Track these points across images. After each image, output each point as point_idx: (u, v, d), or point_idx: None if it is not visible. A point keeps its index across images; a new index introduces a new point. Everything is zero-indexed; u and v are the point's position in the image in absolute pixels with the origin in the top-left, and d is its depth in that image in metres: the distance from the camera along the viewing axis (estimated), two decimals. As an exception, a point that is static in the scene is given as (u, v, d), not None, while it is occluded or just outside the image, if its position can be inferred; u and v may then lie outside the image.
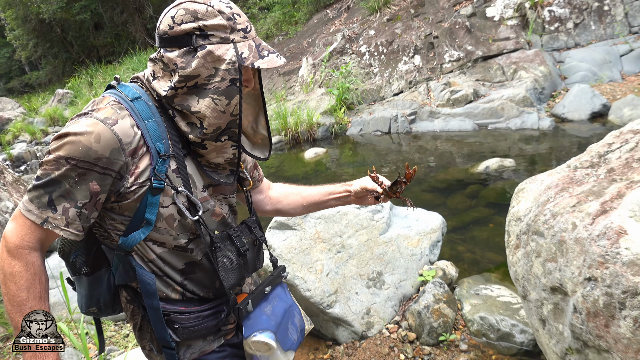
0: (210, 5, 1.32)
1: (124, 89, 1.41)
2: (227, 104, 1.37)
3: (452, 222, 5.26)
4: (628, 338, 1.49)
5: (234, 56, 1.33)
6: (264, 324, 1.56)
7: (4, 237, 1.30)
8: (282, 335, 1.59)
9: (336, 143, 9.84)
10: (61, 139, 1.26)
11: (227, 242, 1.51)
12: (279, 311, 1.64)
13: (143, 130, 1.34)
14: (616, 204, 1.72)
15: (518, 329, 3.19)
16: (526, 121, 8.86)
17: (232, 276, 1.52)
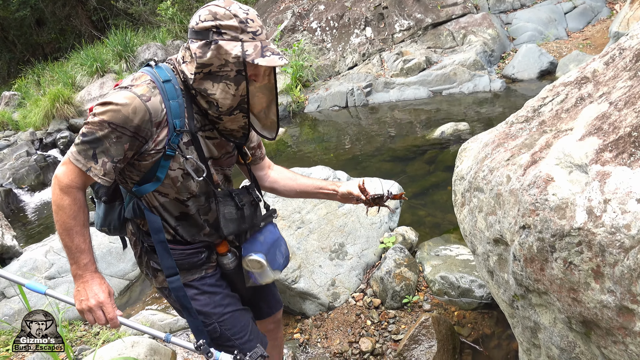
0: (228, 9, 1.66)
1: (160, 70, 1.75)
2: (236, 89, 1.71)
3: (412, 189, 5.38)
4: (560, 278, 1.59)
5: (240, 52, 1.65)
6: (257, 247, 2.04)
7: (56, 177, 1.68)
8: (271, 258, 2.07)
9: (295, 121, 9.83)
10: (105, 105, 1.63)
11: (228, 198, 1.92)
12: (269, 240, 2.09)
13: (167, 108, 1.70)
14: (544, 153, 1.80)
15: (477, 284, 3.32)
16: (478, 84, 9.03)
17: (231, 226, 1.92)
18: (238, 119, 1.83)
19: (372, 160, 6.66)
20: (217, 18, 1.65)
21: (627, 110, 1.64)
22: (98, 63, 13.12)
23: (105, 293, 1.78)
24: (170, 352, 3.29)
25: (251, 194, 2.02)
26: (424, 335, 2.83)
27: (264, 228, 2.12)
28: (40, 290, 1.86)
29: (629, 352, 1.42)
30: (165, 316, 3.86)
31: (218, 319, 1.98)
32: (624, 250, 1.33)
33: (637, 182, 1.38)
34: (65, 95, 12.21)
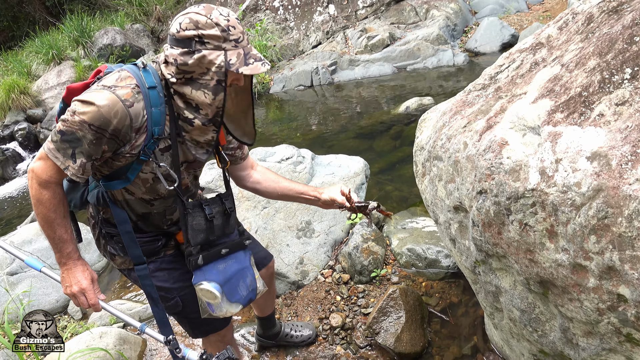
0: (210, 18, 1.63)
1: (147, 75, 1.72)
2: (213, 99, 1.70)
3: (379, 164, 5.38)
4: (517, 241, 1.60)
5: (223, 62, 1.65)
6: (212, 276, 1.93)
7: (34, 172, 1.69)
8: (230, 289, 1.96)
9: (261, 103, 9.70)
10: (86, 105, 1.60)
11: (197, 209, 1.90)
12: (231, 270, 2.00)
13: (148, 115, 1.69)
14: (499, 118, 1.80)
15: (443, 255, 3.35)
16: (442, 59, 9.06)
17: (199, 236, 1.91)
18: (207, 132, 1.81)
19: (338, 137, 6.64)
20: (199, 27, 1.62)
21: (577, 71, 1.65)
22: (54, 50, 12.60)
23: (87, 280, 1.84)
24: (140, 341, 3.24)
25: (224, 203, 1.99)
26: (392, 307, 2.85)
27: (229, 255, 2.04)
28: (36, 267, 1.96)
29: (584, 308, 1.45)
30: (134, 305, 3.79)
31: (179, 293, 2.01)
32: (576, 208, 1.34)
33: (587, 140, 1.38)
34: (20, 85, 11.71)
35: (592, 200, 1.28)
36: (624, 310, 1.32)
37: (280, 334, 2.92)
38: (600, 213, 1.26)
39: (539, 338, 1.83)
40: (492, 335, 2.53)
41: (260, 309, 2.74)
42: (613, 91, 1.45)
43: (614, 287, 1.31)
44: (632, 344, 1.40)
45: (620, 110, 1.39)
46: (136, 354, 3.13)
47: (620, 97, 1.42)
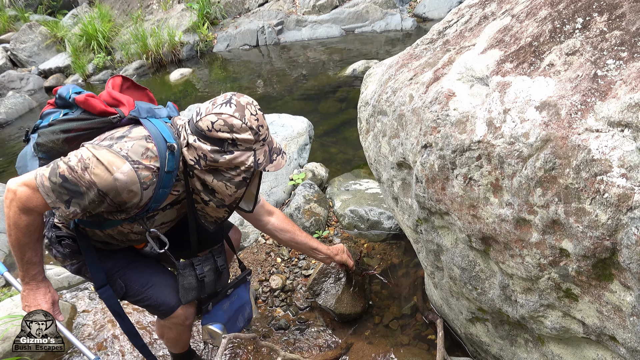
0: (244, 122, 1.63)
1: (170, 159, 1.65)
2: (235, 191, 1.74)
3: (324, 126, 5.28)
4: (461, 196, 1.54)
5: (252, 162, 1.68)
6: (218, 318, 2.08)
7: (16, 195, 1.58)
8: (231, 324, 2.12)
9: (203, 62, 9.30)
10: (103, 169, 1.53)
11: (188, 269, 1.92)
12: (234, 307, 2.14)
13: (155, 195, 1.66)
14: (447, 70, 1.72)
15: (385, 216, 3.32)
16: (390, 23, 8.97)
17: (190, 294, 1.94)
18: (220, 212, 1.83)
19: (283, 99, 6.46)
20: (234, 131, 1.62)
21: (528, 21, 1.58)
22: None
23: (48, 303, 1.81)
24: (69, 307, 3.04)
25: (216, 261, 1.99)
26: (333, 269, 2.80)
27: (233, 292, 2.14)
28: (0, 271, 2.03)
29: (526, 264, 1.41)
30: (62, 270, 3.55)
31: (121, 275, 1.94)
32: (522, 160, 1.28)
33: (536, 90, 1.32)
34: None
35: (540, 151, 1.23)
36: (565, 265, 1.29)
37: None
38: (547, 164, 1.21)
39: (478, 296, 1.81)
40: (432, 294, 2.53)
41: None
42: (564, 41, 1.39)
43: (557, 242, 1.27)
44: (570, 300, 1.38)
45: (571, 60, 1.33)
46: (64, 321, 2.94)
47: (571, 46, 1.36)
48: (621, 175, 1.06)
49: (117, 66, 9.77)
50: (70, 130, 1.70)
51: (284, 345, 2.61)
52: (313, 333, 2.68)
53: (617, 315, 1.25)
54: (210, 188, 1.73)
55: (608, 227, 1.10)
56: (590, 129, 1.15)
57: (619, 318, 1.24)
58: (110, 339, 2.81)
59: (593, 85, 1.22)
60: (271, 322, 2.78)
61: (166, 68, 9.35)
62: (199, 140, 1.65)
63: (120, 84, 1.87)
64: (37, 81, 9.71)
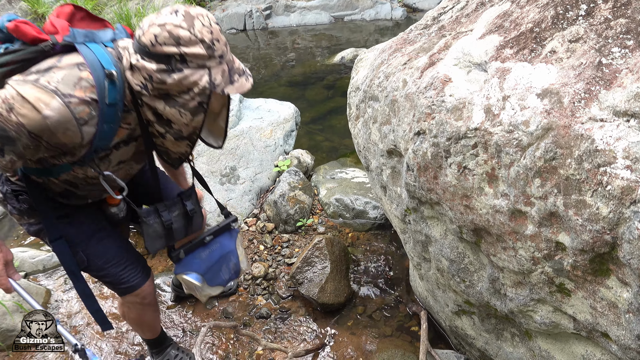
0: (193, 33, 1.36)
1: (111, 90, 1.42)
2: (191, 119, 1.49)
3: (310, 114, 5.20)
4: (454, 185, 1.49)
5: (207, 82, 1.42)
6: (194, 267, 1.91)
7: None
8: (212, 275, 1.95)
9: (189, 44, 9.12)
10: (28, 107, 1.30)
11: (152, 216, 1.75)
12: (215, 257, 1.95)
13: (98, 132, 1.44)
14: (443, 55, 1.66)
15: (371, 206, 3.27)
16: (380, 12, 8.88)
17: (157, 243, 1.79)
18: (181, 146, 1.61)
19: (270, 85, 6.35)
20: (181, 44, 1.36)
21: (529, 7, 1.52)
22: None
23: (0, 263, 1.64)
24: (43, 291, 2.95)
25: (185, 205, 1.82)
26: (317, 257, 2.74)
27: (213, 240, 1.96)
28: None
29: (518, 257, 1.37)
30: (38, 253, 3.44)
31: (83, 248, 1.78)
32: (521, 149, 1.23)
33: (537, 77, 1.27)
34: None
35: (540, 140, 1.18)
36: (560, 259, 1.25)
37: None
38: (548, 154, 1.16)
39: (465, 289, 1.78)
40: (417, 286, 2.49)
41: None
42: (567, 28, 1.34)
43: (553, 235, 1.23)
44: (562, 294, 1.35)
45: (574, 47, 1.28)
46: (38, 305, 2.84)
47: (574, 33, 1.31)
48: (626, 167, 1.02)
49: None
50: (6, 64, 1.44)
51: (265, 335, 2.56)
52: (295, 322, 2.63)
53: (611, 312, 1.21)
54: (165, 118, 1.49)
55: (609, 221, 1.06)
56: (594, 119, 1.10)
57: (613, 315, 1.21)
58: (85, 324, 2.73)
59: (597, 74, 1.17)
60: (252, 310, 2.72)
61: (150, 49, 9.14)
62: (142, 59, 1.39)
63: (70, 12, 1.58)
64: (16, 58, 9.41)
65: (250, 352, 2.46)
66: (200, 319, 2.67)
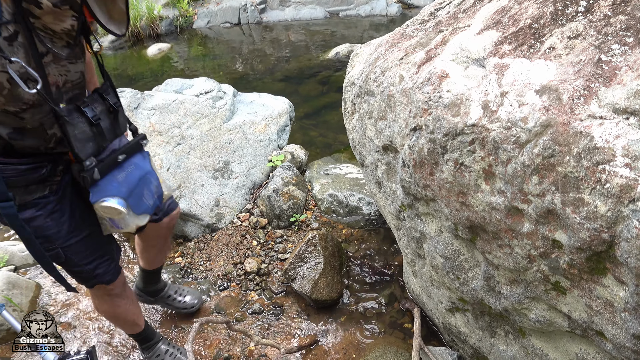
0: None
1: None
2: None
3: (304, 109, 5.17)
4: (450, 182, 1.48)
5: None
6: (113, 190, 1.62)
7: None
8: (135, 201, 1.68)
9: (182, 38, 9.04)
10: None
11: (75, 114, 1.50)
12: (134, 178, 1.69)
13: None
14: (440, 50, 1.64)
15: (365, 202, 3.26)
16: (375, 7, 8.86)
17: (88, 146, 1.54)
18: (64, 18, 1.36)
19: (264, 79, 6.32)
20: None
21: (528, 2, 1.51)
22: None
23: None
24: (33, 285, 2.91)
25: (105, 99, 1.62)
26: (310, 253, 2.73)
27: (126, 161, 1.71)
28: None
29: (514, 255, 1.36)
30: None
31: (62, 245, 1.69)
32: (519, 146, 1.22)
33: (536, 73, 1.26)
34: None
35: (539, 137, 1.17)
36: (556, 257, 1.24)
37: (162, 292, 2.59)
38: (546, 151, 1.15)
39: (460, 286, 1.77)
40: (410, 283, 2.49)
41: (148, 261, 2.40)
42: (566, 24, 1.33)
43: (550, 233, 1.22)
44: (558, 293, 1.34)
45: (573, 44, 1.27)
46: (28, 299, 2.81)
47: (573, 30, 1.30)
48: (625, 165, 1.01)
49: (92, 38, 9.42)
50: None
51: (258, 330, 2.54)
52: (288, 318, 2.62)
53: (607, 311, 1.21)
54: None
55: (607, 219, 1.05)
56: (594, 116, 1.09)
57: (609, 313, 1.20)
58: (76, 319, 2.70)
59: (597, 71, 1.16)
60: (245, 306, 2.71)
61: (144, 42, 9.06)
62: None
63: None
64: (7, 49, 9.29)
65: (243, 348, 2.44)
66: (192, 315, 2.65)
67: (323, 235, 2.81)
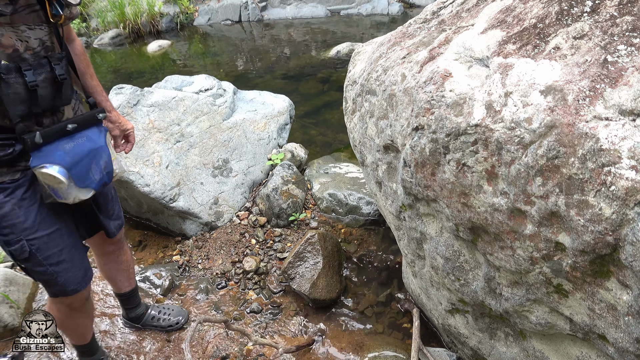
0: None
1: None
2: None
3: (305, 107, 5.16)
4: (452, 182, 1.46)
5: None
6: (56, 158, 1.58)
7: None
8: (80, 173, 1.63)
9: (183, 35, 9.02)
10: None
11: (14, 74, 1.48)
12: (82, 150, 1.65)
13: None
14: (443, 49, 1.63)
15: (364, 201, 3.25)
16: (377, 6, 8.84)
17: (18, 108, 1.51)
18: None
19: (264, 77, 6.30)
20: None
21: (532, 2, 1.49)
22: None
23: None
24: (30, 282, 2.89)
25: (53, 68, 1.59)
26: (309, 252, 2.71)
27: (78, 133, 1.66)
28: None
29: (516, 256, 1.35)
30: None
31: (28, 236, 1.63)
32: (523, 147, 1.20)
33: (541, 73, 1.24)
34: None
35: (543, 138, 1.15)
36: (559, 259, 1.22)
37: (144, 316, 2.53)
38: (550, 152, 1.13)
39: (460, 287, 1.75)
40: (410, 283, 2.47)
41: (115, 283, 2.35)
42: (571, 24, 1.31)
43: (553, 235, 1.20)
44: (560, 295, 1.33)
45: (579, 44, 1.25)
46: (25, 296, 2.79)
47: (579, 30, 1.28)
48: (631, 167, 0.99)
49: (92, 34, 9.41)
50: None
51: (256, 330, 2.53)
52: (286, 318, 2.60)
53: (610, 314, 1.19)
54: None
55: (612, 222, 1.04)
56: (599, 117, 1.07)
57: (612, 317, 1.19)
58: (73, 316, 2.68)
59: (603, 71, 1.14)
60: (243, 305, 2.69)
61: (144, 39, 9.04)
62: None
63: None
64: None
65: (240, 347, 2.43)
66: (190, 313, 2.64)
67: (322, 235, 2.79)
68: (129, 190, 3.19)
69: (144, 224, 3.48)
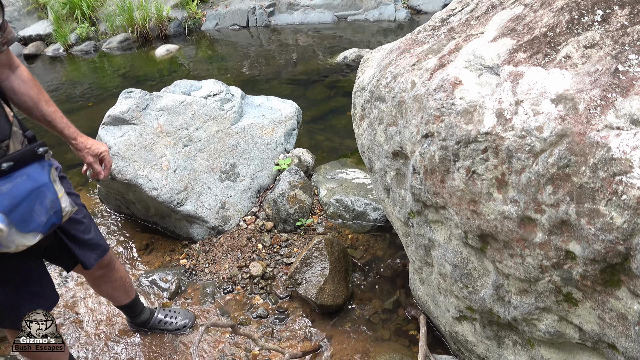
0: None
1: None
2: None
3: (312, 113, 5.17)
4: (461, 190, 1.47)
5: None
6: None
7: None
8: (21, 216, 1.45)
9: (190, 39, 9.07)
10: None
11: None
12: (21, 191, 1.46)
13: None
14: (453, 57, 1.63)
15: (371, 207, 3.25)
16: (384, 13, 8.86)
17: None
18: None
19: (271, 83, 6.32)
20: None
21: (543, 10, 1.50)
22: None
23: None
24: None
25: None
26: (316, 258, 2.72)
27: (17, 172, 1.46)
28: None
29: (526, 265, 1.35)
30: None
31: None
32: (534, 155, 1.21)
33: (552, 82, 1.25)
34: None
35: (554, 147, 1.15)
36: (569, 268, 1.22)
37: (150, 320, 2.55)
38: (561, 161, 1.13)
39: (468, 294, 1.75)
40: (417, 290, 2.47)
41: (113, 299, 2.35)
42: (582, 33, 1.32)
43: (564, 243, 1.20)
44: (569, 304, 1.33)
45: (589, 53, 1.26)
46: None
47: (589, 39, 1.29)
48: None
49: (100, 38, 9.47)
50: None
51: (262, 335, 2.53)
52: (292, 323, 2.60)
53: (620, 323, 1.19)
54: None
55: (623, 231, 1.04)
56: (611, 126, 1.08)
57: (622, 326, 1.19)
58: (70, 322, 2.69)
59: (614, 81, 1.15)
60: (249, 309, 2.70)
61: (152, 43, 9.09)
62: None
63: None
64: (16, 48, 9.35)
65: (247, 352, 2.43)
66: (196, 318, 2.64)
67: (329, 240, 2.80)
68: (136, 194, 3.20)
69: (151, 228, 3.50)
